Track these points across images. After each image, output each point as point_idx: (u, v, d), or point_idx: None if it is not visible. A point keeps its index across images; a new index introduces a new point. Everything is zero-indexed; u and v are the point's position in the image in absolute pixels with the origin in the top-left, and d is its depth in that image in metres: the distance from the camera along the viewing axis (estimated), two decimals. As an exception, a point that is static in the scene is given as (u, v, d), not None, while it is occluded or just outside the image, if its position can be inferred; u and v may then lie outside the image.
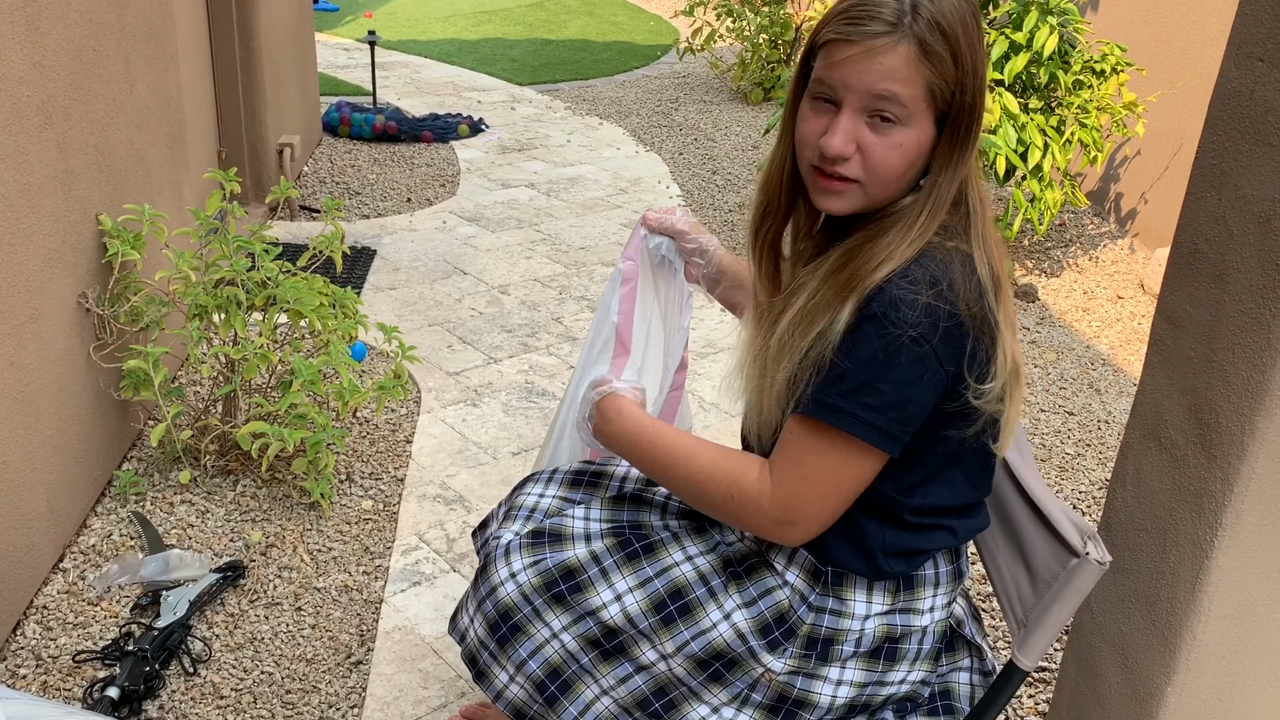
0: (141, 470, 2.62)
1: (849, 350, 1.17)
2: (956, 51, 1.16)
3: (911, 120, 1.18)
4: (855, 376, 1.16)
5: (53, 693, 1.95)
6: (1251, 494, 1.23)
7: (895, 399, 1.16)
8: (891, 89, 1.16)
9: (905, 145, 1.19)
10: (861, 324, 1.16)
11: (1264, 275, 1.18)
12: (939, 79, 1.16)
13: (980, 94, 1.20)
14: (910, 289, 1.16)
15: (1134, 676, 1.40)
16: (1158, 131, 4.60)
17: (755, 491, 1.24)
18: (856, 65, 1.17)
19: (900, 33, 1.15)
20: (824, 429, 1.19)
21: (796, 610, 1.33)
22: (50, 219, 2.21)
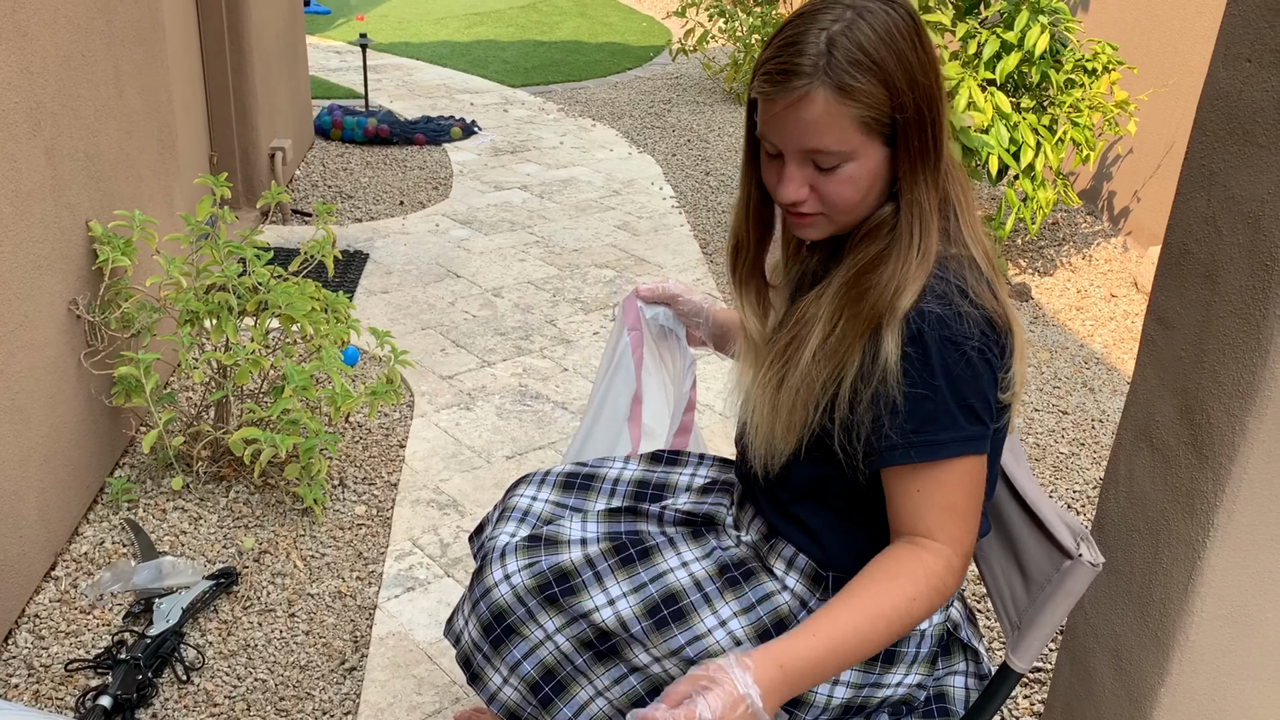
0: (134, 477, 2.61)
1: (927, 383, 1.16)
2: (885, 75, 1.14)
3: (854, 154, 1.17)
4: (950, 405, 1.16)
5: (45, 702, 1.94)
6: (1243, 494, 1.23)
7: (984, 405, 1.18)
8: (819, 142, 1.16)
9: (855, 177, 1.19)
10: (928, 352, 1.16)
11: (1253, 275, 1.18)
12: (868, 110, 1.15)
13: (930, 100, 1.17)
14: (947, 304, 1.16)
15: (1127, 677, 1.40)
16: (1150, 130, 4.61)
17: (944, 567, 1.19)
18: (782, 123, 1.18)
19: (816, 81, 1.13)
20: (951, 464, 1.18)
21: (797, 616, 1.32)
22: (40, 225, 2.20)
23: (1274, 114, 1.15)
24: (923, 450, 1.17)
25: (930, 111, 1.17)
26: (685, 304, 1.72)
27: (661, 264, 4.27)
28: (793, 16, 1.19)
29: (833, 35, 1.14)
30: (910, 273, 1.18)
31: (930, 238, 1.19)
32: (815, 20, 1.16)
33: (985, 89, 3.93)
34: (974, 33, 4.08)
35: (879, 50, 1.14)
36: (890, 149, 1.19)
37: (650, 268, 4.23)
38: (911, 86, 1.16)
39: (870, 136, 1.17)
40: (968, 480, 1.19)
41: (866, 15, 1.15)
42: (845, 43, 1.13)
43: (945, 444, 1.17)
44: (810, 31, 1.15)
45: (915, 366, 1.16)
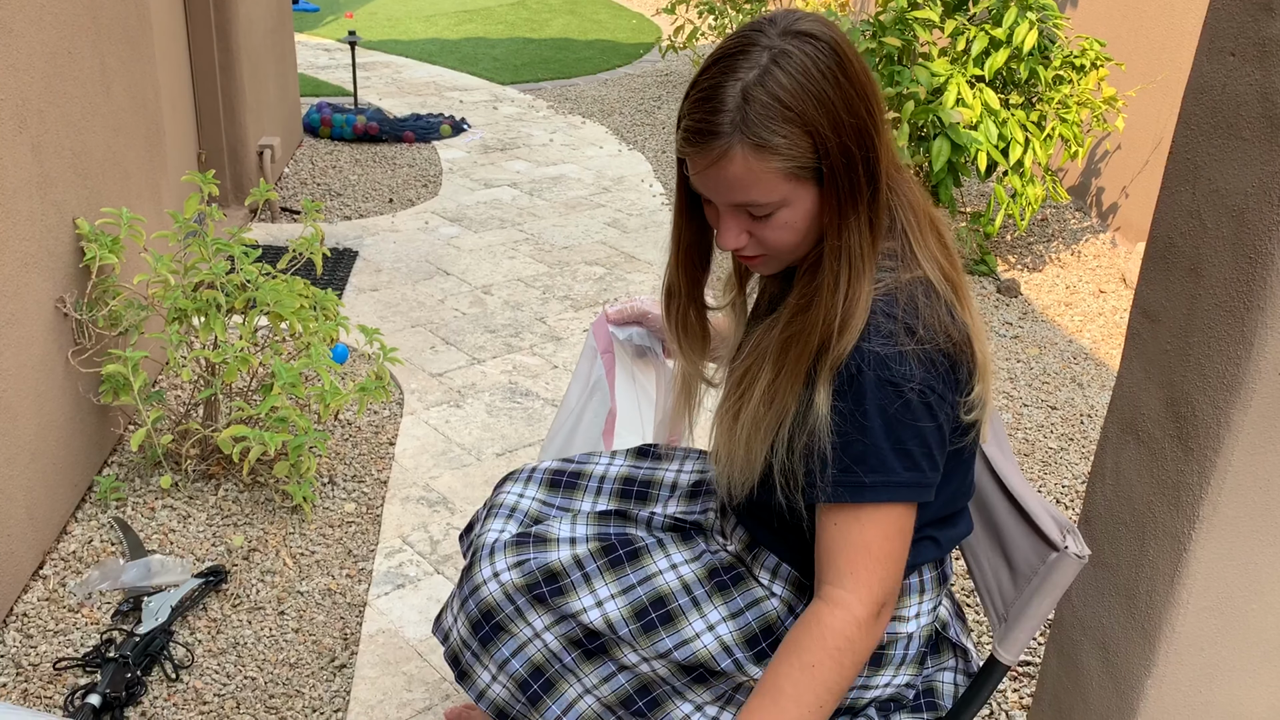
0: (122, 475, 2.60)
1: (859, 424, 1.14)
2: (805, 122, 1.10)
3: (786, 201, 1.15)
4: (882, 447, 1.14)
5: (34, 701, 1.94)
6: (1228, 486, 1.23)
7: (924, 451, 1.16)
8: (745, 197, 1.14)
9: (791, 222, 1.17)
10: (863, 392, 1.13)
11: (1237, 268, 1.18)
12: (791, 161, 1.12)
13: (859, 136, 1.13)
14: (890, 343, 1.13)
15: (1114, 669, 1.41)
16: (1138, 126, 4.62)
17: (843, 622, 1.17)
18: (707, 180, 1.15)
19: (733, 139, 1.11)
20: (873, 507, 1.16)
21: (784, 622, 1.32)
22: (26, 223, 2.19)
23: (1257, 107, 1.15)
24: (848, 490, 1.15)
25: (860, 149, 1.13)
26: (657, 319, 1.72)
27: (651, 261, 4.27)
28: (709, 63, 1.15)
29: (748, 87, 1.10)
30: (836, 321, 1.15)
31: (860, 282, 1.15)
32: (731, 71, 1.11)
33: (974, 85, 3.94)
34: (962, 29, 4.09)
35: (797, 98, 1.10)
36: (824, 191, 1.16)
37: (640, 265, 4.23)
38: (836, 129, 1.11)
39: (799, 182, 1.14)
40: (889, 526, 1.17)
41: (783, 60, 1.10)
42: (761, 94, 1.10)
43: (871, 486, 1.15)
44: (725, 84, 1.11)
45: (850, 404, 1.14)
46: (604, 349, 1.76)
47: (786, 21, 1.14)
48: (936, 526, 1.30)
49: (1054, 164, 5.16)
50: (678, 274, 1.34)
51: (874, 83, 1.16)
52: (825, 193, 1.15)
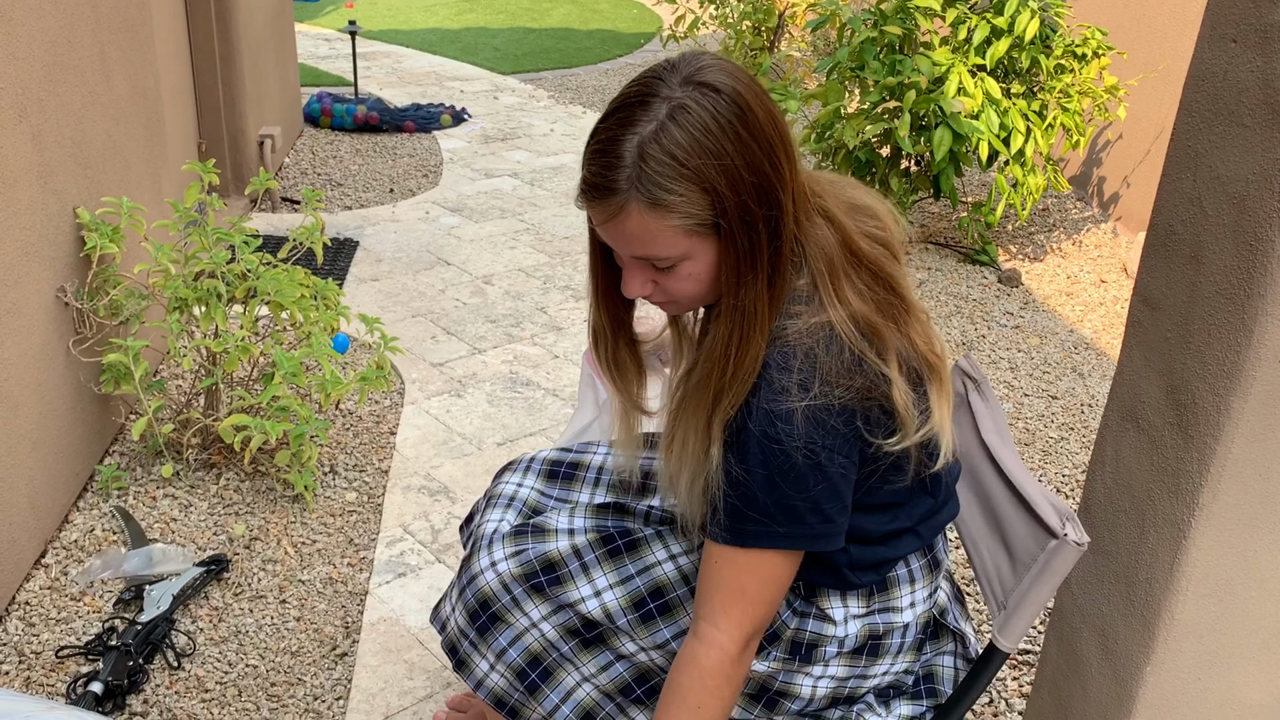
0: (123, 465, 2.61)
1: (747, 472, 1.14)
2: (703, 180, 1.07)
3: (688, 255, 1.13)
4: (763, 500, 1.14)
5: (36, 688, 1.94)
6: (1228, 473, 1.24)
7: (811, 506, 1.15)
8: (645, 251, 1.12)
9: (695, 274, 1.15)
10: (747, 445, 1.13)
11: (1238, 256, 1.18)
12: (689, 218, 1.09)
13: (760, 193, 1.10)
14: (781, 399, 1.11)
15: (1114, 656, 1.41)
16: (1139, 115, 4.61)
17: (716, 660, 1.19)
18: (607, 233, 1.14)
19: (630, 196, 1.08)
20: (753, 553, 1.17)
21: (780, 615, 1.33)
22: (26, 212, 2.19)
23: (1259, 94, 1.15)
24: (731, 535, 1.16)
25: (761, 205, 1.11)
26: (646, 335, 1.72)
27: (652, 251, 4.27)
28: (609, 112, 1.12)
29: (644, 142, 1.07)
30: (725, 377, 1.14)
31: (750, 341, 1.13)
32: (629, 125, 1.09)
33: (975, 75, 3.93)
34: (964, 18, 4.08)
35: (694, 155, 1.07)
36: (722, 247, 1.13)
37: (641, 254, 4.22)
38: (734, 186, 1.08)
39: (700, 237, 1.12)
40: (765, 572, 1.17)
41: (681, 115, 1.07)
42: (657, 151, 1.07)
43: (751, 534, 1.15)
44: (622, 138, 1.08)
45: (735, 456, 1.14)
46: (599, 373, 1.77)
47: (689, 69, 1.10)
48: (916, 521, 1.30)
49: (1055, 153, 5.15)
50: (601, 315, 1.31)
51: (782, 130, 1.13)
52: (724, 249, 1.12)
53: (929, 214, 4.83)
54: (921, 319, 1.23)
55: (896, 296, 1.20)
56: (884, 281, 1.19)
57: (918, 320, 1.22)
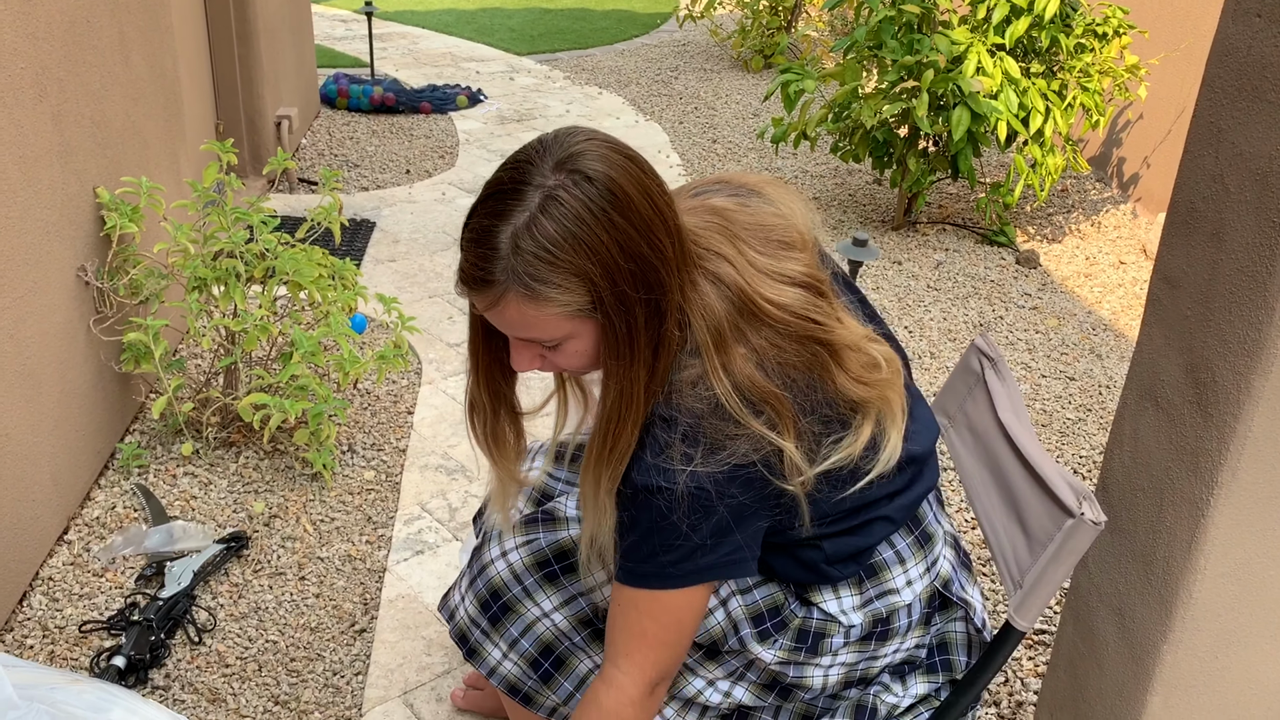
0: (144, 443, 2.63)
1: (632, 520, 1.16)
2: (577, 268, 1.07)
3: (572, 334, 1.13)
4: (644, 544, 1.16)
5: (60, 662, 1.97)
6: (1248, 452, 1.23)
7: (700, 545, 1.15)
8: (529, 334, 1.13)
9: (580, 350, 1.15)
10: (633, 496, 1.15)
11: (1260, 233, 1.17)
12: (565, 305, 1.09)
13: (639, 276, 1.09)
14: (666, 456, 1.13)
15: (1130, 635, 1.41)
16: (1160, 95, 4.57)
17: (617, 700, 1.20)
18: (491, 318, 1.14)
19: (506, 286, 1.08)
20: (649, 593, 1.18)
21: (790, 604, 1.33)
22: (48, 191, 2.21)
23: (1283, 69, 1.14)
24: (624, 574, 1.18)
25: (639, 290, 1.10)
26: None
27: (668, 232, 4.26)
28: (482, 198, 1.11)
29: (518, 233, 1.07)
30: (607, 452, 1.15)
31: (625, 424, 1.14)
32: (502, 216, 1.08)
33: (994, 54, 3.90)
34: (983, -3, 4.04)
35: (566, 245, 1.06)
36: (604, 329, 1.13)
37: (657, 235, 4.21)
38: (610, 275, 1.08)
39: (581, 319, 1.12)
40: (665, 614, 1.18)
41: (552, 206, 1.06)
42: (530, 244, 1.06)
43: (644, 575, 1.17)
44: (496, 229, 1.08)
45: (621, 504, 1.16)
46: None
47: (561, 152, 1.09)
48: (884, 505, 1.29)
49: (1075, 134, 5.11)
50: (480, 392, 1.30)
51: (660, 206, 1.11)
52: (602, 331, 1.12)
53: (947, 194, 4.81)
54: (851, 348, 1.20)
55: (813, 342, 1.17)
56: (793, 332, 1.17)
57: (844, 356, 1.19)
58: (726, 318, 1.15)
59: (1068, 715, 1.57)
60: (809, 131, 4.17)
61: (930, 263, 4.07)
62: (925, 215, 4.52)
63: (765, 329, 1.16)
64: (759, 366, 1.14)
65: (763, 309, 1.16)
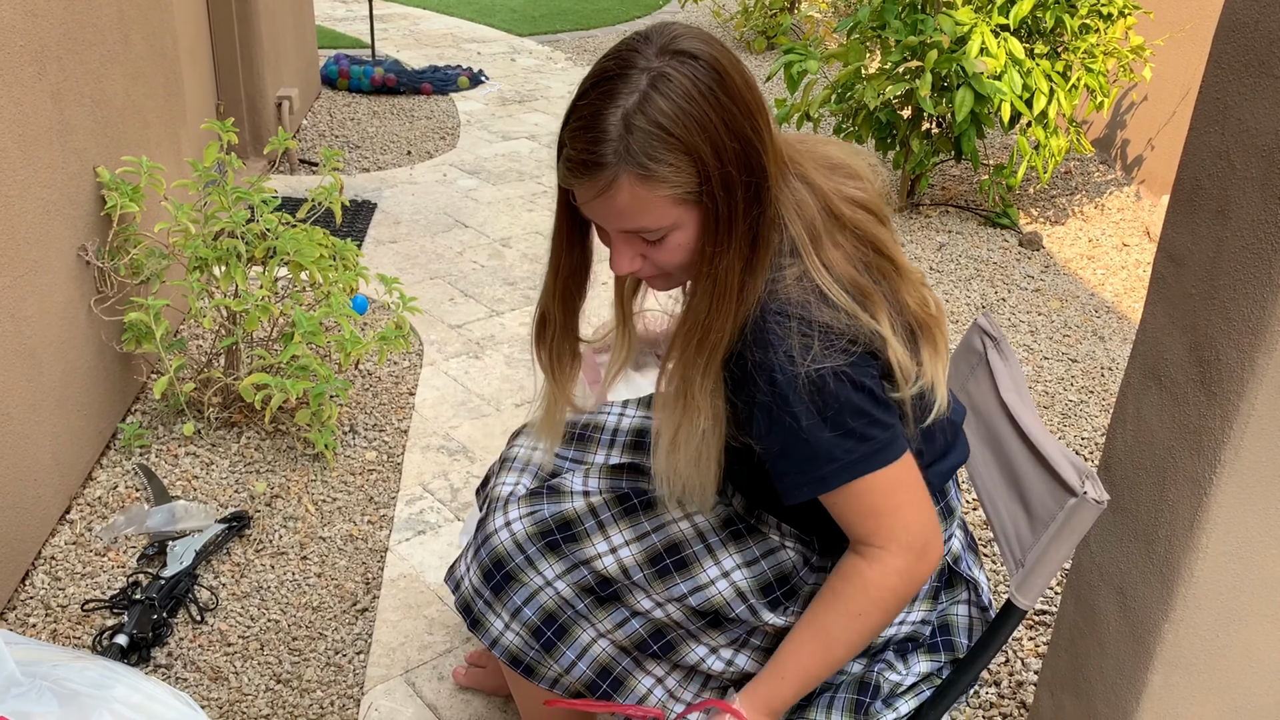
0: (145, 423, 2.63)
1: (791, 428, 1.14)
2: (688, 149, 1.08)
3: (677, 224, 1.13)
4: (822, 440, 1.14)
5: (62, 641, 1.98)
6: (1251, 431, 1.23)
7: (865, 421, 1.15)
8: (636, 224, 1.13)
9: (684, 245, 1.15)
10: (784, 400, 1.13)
11: (1266, 210, 1.17)
12: (677, 187, 1.10)
13: (741, 160, 1.11)
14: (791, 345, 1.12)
15: (1132, 614, 1.41)
16: (1165, 76, 4.54)
17: (882, 572, 1.19)
18: (596, 209, 1.14)
19: (619, 169, 1.08)
20: (851, 484, 1.17)
21: (799, 571, 1.33)
22: (47, 170, 2.20)
23: (1290, 45, 1.13)
24: (814, 485, 1.17)
25: (741, 172, 1.11)
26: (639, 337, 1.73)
27: (670, 213, 4.25)
28: (587, 87, 1.11)
29: (629, 114, 1.07)
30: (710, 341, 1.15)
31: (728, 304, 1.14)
32: (611, 97, 1.08)
33: (998, 34, 3.88)
34: (988, -23, 4.02)
35: (679, 123, 1.07)
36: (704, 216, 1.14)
37: (659, 217, 4.21)
38: (718, 154, 1.09)
39: (687, 206, 1.12)
40: (877, 488, 1.17)
41: (662, 84, 1.08)
42: (643, 121, 1.07)
43: (830, 475, 1.16)
44: (606, 112, 1.08)
45: (777, 412, 1.14)
46: (592, 381, 1.76)
47: (663, 40, 1.10)
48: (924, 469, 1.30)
49: (1079, 115, 5.09)
50: (554, 303, 1.30)
51: (758, 95, 1.13)
52: (706, 217, 1.13)
53: (950, 176, 4.79)
54: (913, 279, 1.23)
55: (884, 258, 1.20)
56: (869, 243, 1.20)
57: (908, 280, 1.22)
58: (819, 215, 1.18)
59: (1068, 694, 1.57)
60: (812, 113, 4.15)
61: (933, 245, 4.06)
62: (928, 197, 4.50)
63: (848, 234, 1.19)
64: (851, 265, 1.17)
65: (842, 214, 1.20)
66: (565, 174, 1.13)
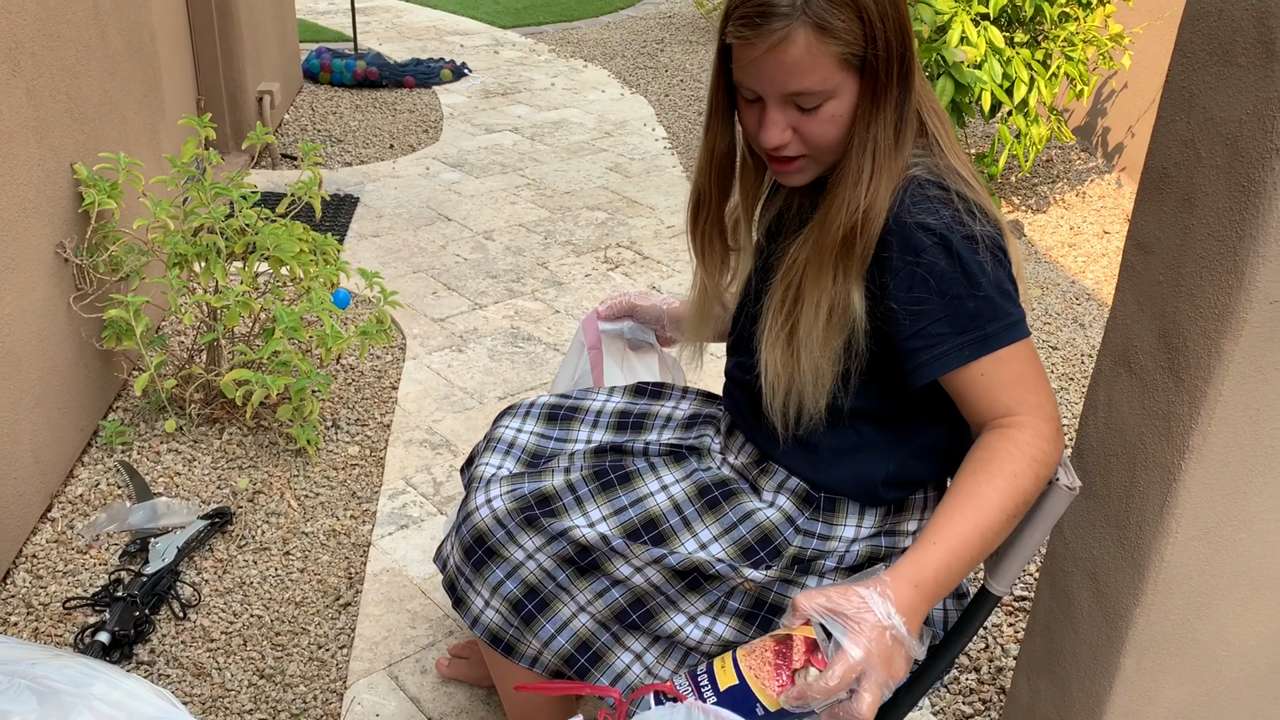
0: (127, 420, 2.63)
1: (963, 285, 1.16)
2: (860, 7, 1.13)
3: (835, 92, 1.17)
4: (988, 295, 1.16)
5: (44, 639, 1.98)
6: (1218, 417, 1.24)
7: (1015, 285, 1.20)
8: (801, 84, 1.16)
9: (837, 116, 1.19)
10: (954, 258, 1.15)
11: (1231, 198, 1.18)
12: (847, 47, 1.14)
13: (901, 30, 1.17)
14: (950, 208, 1.17)
15: (1104, 599, 1.42)
16: (1144, 64, 4.56)
17: (1033, 434, 1.17)
18: (763, 68, 1.16)
19: (795, 21, 1.12)
20: (1007, 349, 1.17)
21: (783, 532, 1.34)
22: (24, 167, 2.19)
23: (1254, 32, 1.14)
24: (976, 346, 1.17)
25: (899, 44, 1.17)
26: (645, 313, 1.75)
27: (654, 205, 4.25)
28: None
29: None
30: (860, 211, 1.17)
31: (881, 175, 1.18)
32: None
33: (978, 23, 3.89)
34: (967, -34, 4.02)
35: None
36: (863, 82, 1.18)
37: (642, 209, 4.21)
38: (883, 18, 1.15)
39: (849, 72, 1.17)
40: (1026, 353, 1.19)
41: None
42: None
43: (995, 334, 1.17)
44: None
45: (946, 268, 1.16)
46: (592, 344, 1.77)
47: None
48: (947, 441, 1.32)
49: (1059, 103, 5.11)
50: (709, 183, 1.35)
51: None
52: (864, 84, 1.17)
53: (932, 166, 4.80)
54: None
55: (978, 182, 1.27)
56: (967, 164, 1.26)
57: None
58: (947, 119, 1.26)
59: (1044, 679, 1.58)
60: (793, 103, 4.15)
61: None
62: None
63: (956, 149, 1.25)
64: (966, 165, 1.24)
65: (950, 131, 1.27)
66: (739, 27, 1.16)
